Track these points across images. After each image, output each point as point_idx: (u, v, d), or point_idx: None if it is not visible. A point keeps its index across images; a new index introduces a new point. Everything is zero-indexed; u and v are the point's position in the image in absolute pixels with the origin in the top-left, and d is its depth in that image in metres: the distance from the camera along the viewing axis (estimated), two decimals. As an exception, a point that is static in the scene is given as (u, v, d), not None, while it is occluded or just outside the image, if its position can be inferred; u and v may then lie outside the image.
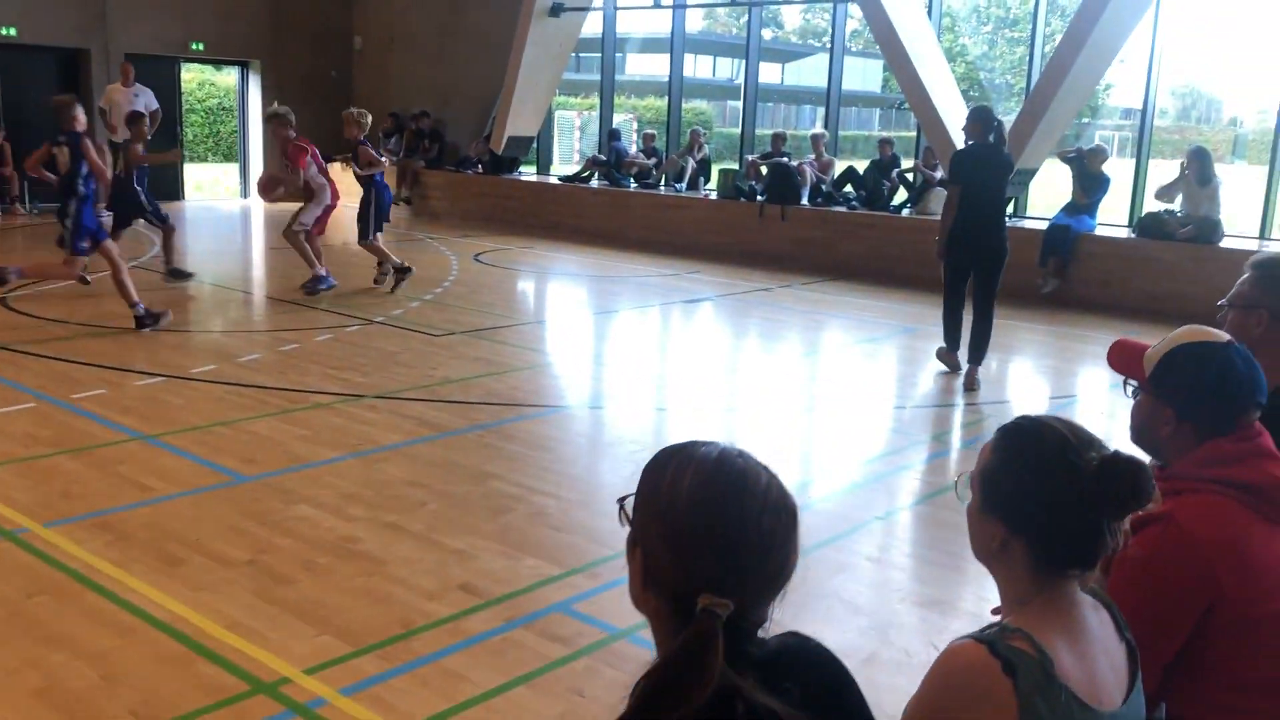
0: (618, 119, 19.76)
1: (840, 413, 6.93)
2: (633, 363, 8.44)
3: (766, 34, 45.51)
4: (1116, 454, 1.69)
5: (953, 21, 36.27)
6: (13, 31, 15.51)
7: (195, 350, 7.75)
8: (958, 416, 7.11)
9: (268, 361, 7.48)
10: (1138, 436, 2.45)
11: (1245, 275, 3.06)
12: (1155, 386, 2.38)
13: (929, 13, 13.23)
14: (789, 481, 1.44)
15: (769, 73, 45.90)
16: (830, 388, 7.73)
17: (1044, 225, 11.67)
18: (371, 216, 10.43)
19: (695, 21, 35.72)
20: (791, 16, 42.11)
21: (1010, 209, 12.56)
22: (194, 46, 17.46)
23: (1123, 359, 2.53)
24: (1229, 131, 39.73)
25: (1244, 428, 2.25)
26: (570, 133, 25.70)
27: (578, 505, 5.01)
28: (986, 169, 7.54)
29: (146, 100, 15.44)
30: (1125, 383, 2.49)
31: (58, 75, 16.49)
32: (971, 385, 7.59)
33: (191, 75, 25.37)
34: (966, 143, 7.75)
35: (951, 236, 7.56)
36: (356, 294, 10.23)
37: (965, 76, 35.79)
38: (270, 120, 10.76)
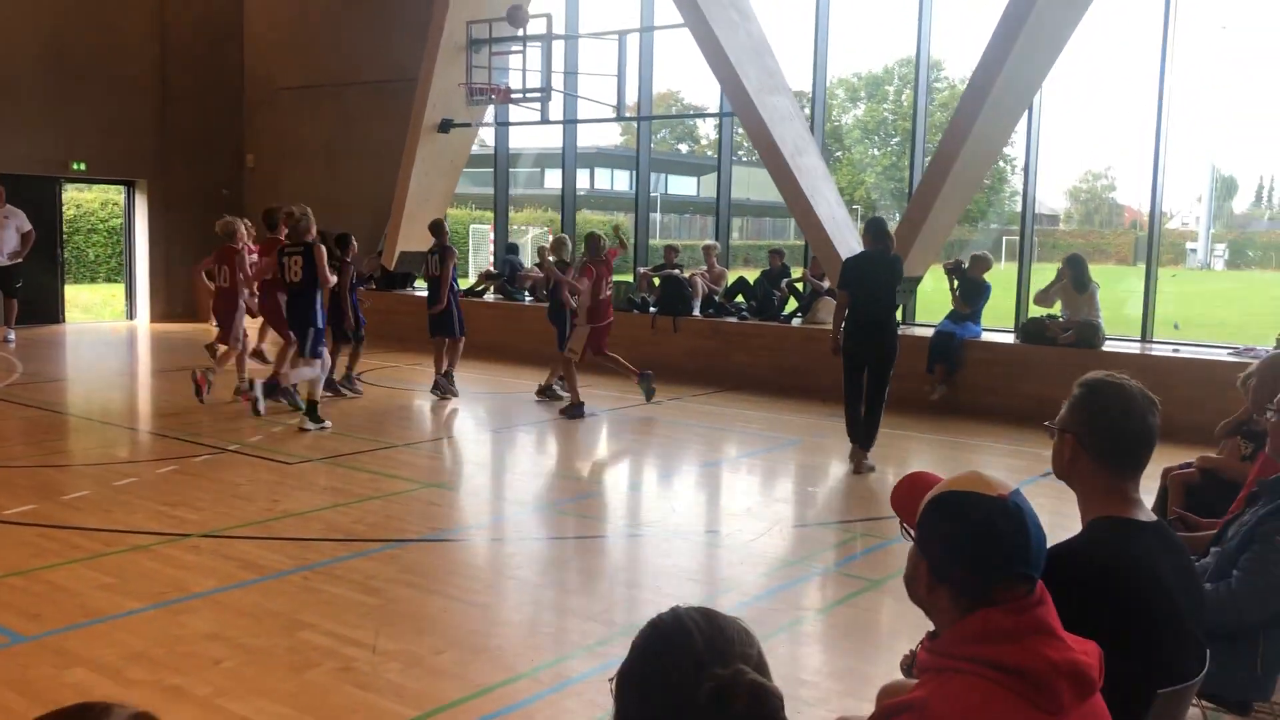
0: (533, 231, 19.65)
1: (696, 532, 6.58)
2: (500, 487, 8.04)
3: (683, 148, 46.53)
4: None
5: (837, 130, 37.40)
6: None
7: (19, 487, 7.17)
8: (825, 535, 6.80)
9: (95, 498, 6.93)
10: (907, 591, 2.14)
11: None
12: (917, 536, 2.08)
13: (810, 125, 13.35)
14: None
15: (684, 185, 46.76)
16: (695, 505, 7.39)
17: (930, 332, 11.63)
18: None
19: (611, 137, 36.21)
20: (708, 129, 43.12)
21: (899, 316, 12.56)
22: (76, 166, 17.01)
23: (902, 498, 2.24)
24: (1130, 234, 41.00)
25: (1013, 599, 1.92)
26: (486, 246, 25.59)
27: (391, 658, 4.55)
28: (874, 274, 8.05)
29: (19, 222, 14.98)
30: (901, 525, 2.19)
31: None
32: (859, 469, 8.13)
33: (82, 195, 24.91)
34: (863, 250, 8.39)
35: (844, 336, 8.13)
36: (219, 419, 9.72)
37: (854, 183, 36.73)
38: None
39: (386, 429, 9.60)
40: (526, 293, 15.45)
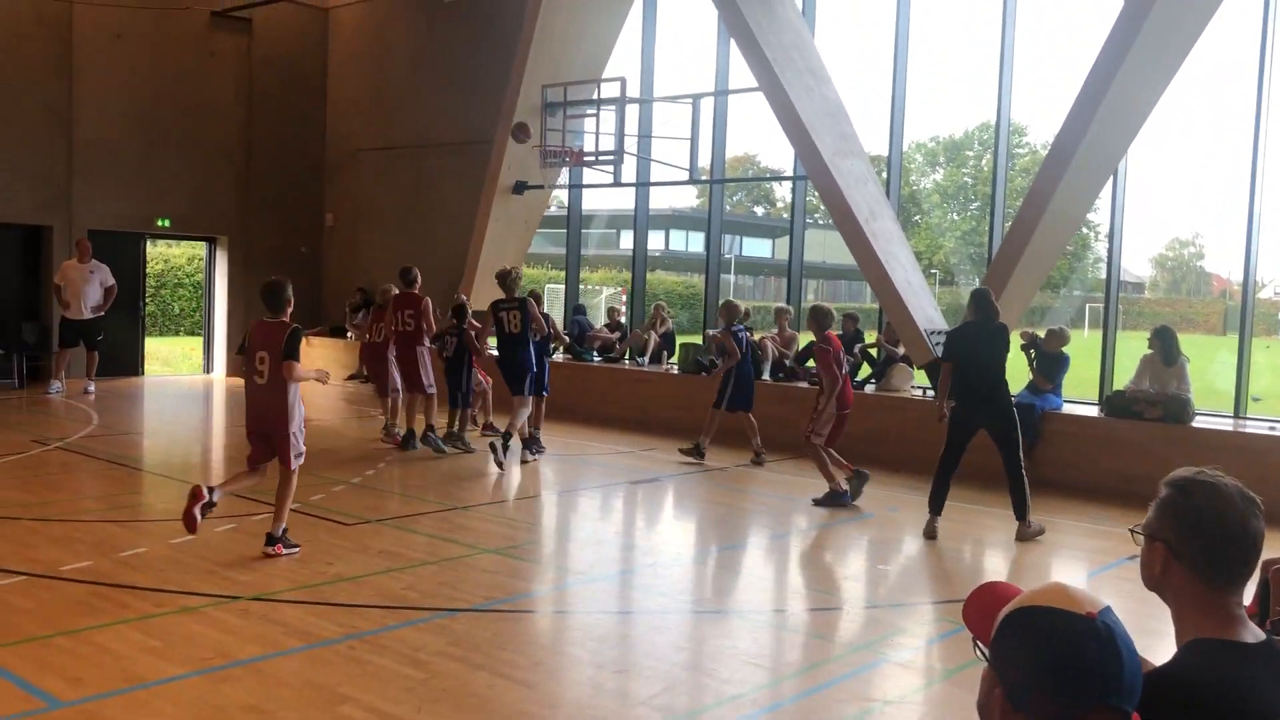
0: (607, 291, 19.67)
1: (768, 609, 6.29)
2: (560, 554, 7.83)
3: (758, 210, 46.48)
4: None
5: (915, 195, 36.99)
6: (-24, 209, 15.48)
7: (78, 542, 7.16)
8: (896, 618, 6.46)
9: (151, 556, 6.88)
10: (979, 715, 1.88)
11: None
12: (992, 656, 1.84)
13: (886, 189, 13.13)
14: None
15: (759, 247, 46.63)
16: (761, 580, 7.11)
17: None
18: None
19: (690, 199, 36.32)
20: (784, 192, 43.08)
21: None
22: (160, 223, 17.44)
23: (976, 612, 1.99)
24: (1220, 303, 39.76)
25: None
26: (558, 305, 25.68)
27: (432, 738, 4.35)
28: (980, 345, 8.24)
29: (102, 276, 15.33)
30: (975, 643, 1.94)
31: (20, 251, 16.41)
32: (1021, 536, 8.20)
33: (170, 250, 25.58)
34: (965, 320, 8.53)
35: (956, 404, 8.29)
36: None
37: (932, 248, 36.21)
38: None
39: (449, 490, 9.48)
40: (594, 352, 15.38)
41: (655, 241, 39.70)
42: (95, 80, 16.43)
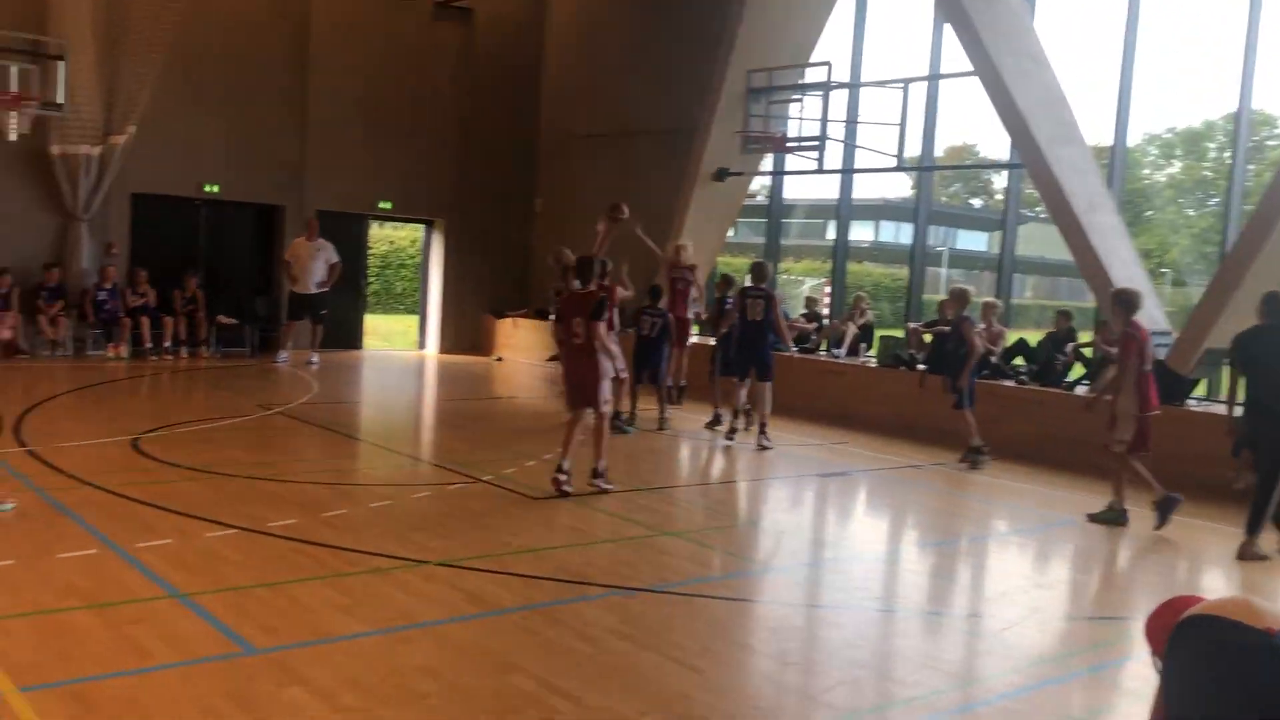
0: (810, 283, 19.45)
1: (960, 618, 6.03)
2: (741, 542, 7.76)
3: (975, 202, 44.71)
4: None
5: (1147, 189, 34.63)
6: (216, 188, 16.69)
7: (287, 501, 7.60)
8: (1092, 631, 6.07)
9: (351, 518, 7.23)
10: None
11: None
12: (1162, 665, 1.67)
13: (1109, 180, 12.36)
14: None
15: (974, 240, 44.88)
16: (948, 583, 6.82)
17: (1240, 411, 10.35)
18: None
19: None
20: (1004, 183, 41.29)
21: (1202, 390, 11.31)
22: (382, 205, 18.35)
23: (1156, 626, 1.81)
24: None
25: None
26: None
27: (593, 713, 4.36)
28: (1273, 349, 7.63)
29: (328, 254, 16.22)
30: (1153, 656, 1.78)
31: (255, 229, 17.60)
32: (1244, 554, 7.57)
33: (397, 233, 26.87)
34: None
35: (1250, 420, 7.71)
36: (480, 448, 10.02)
37: (1164, 245, 33.85)
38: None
39: (636, 472, 9.55)
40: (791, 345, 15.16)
41: (864, 232, 38.78)
42: (327, 70, 17.41)
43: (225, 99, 16.49)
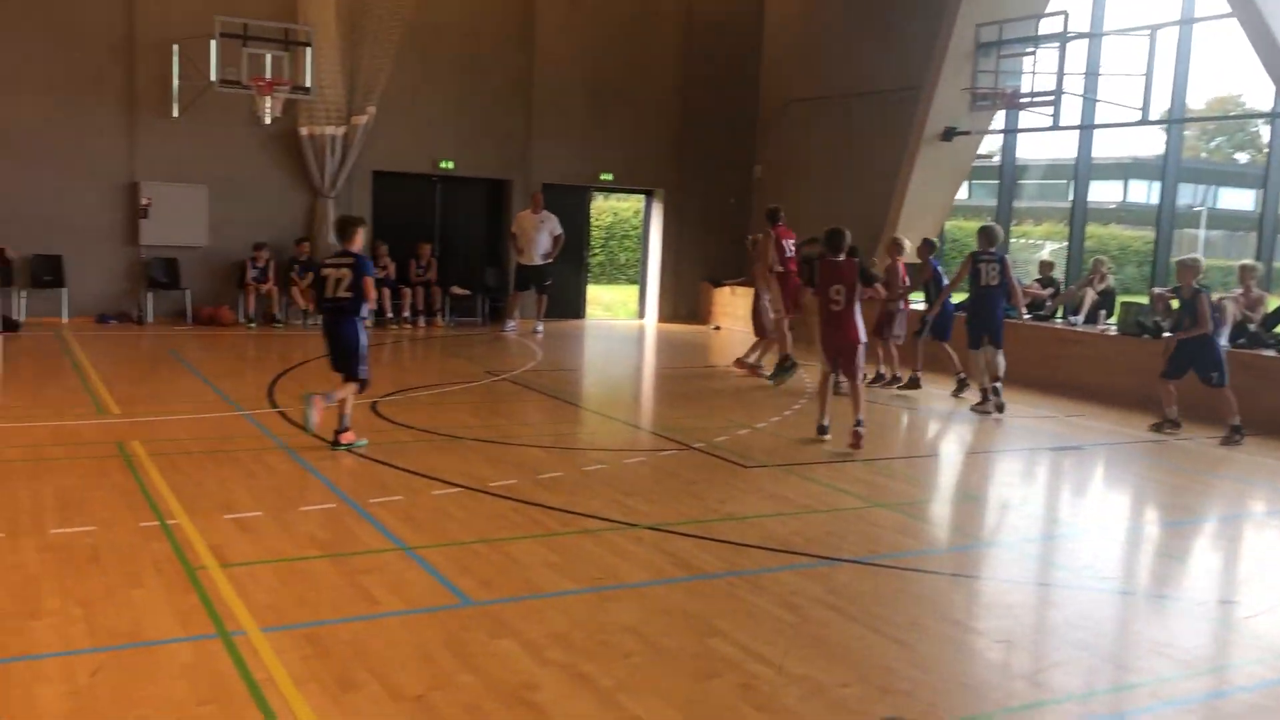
0: (1050, 247, 18.56)
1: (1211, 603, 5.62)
2: (956, 515, 7.50)
3: (1240, 157, 41.04)
4: None
5: None
6: (451, 164, 17.45)
7: (508, 463, 7.90)
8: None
9: (565, 480, 7.45)
10: None
11: None
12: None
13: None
14: None
15: (1238, 199, 41.29)
16: (1186, 565, 6.35)
17: None
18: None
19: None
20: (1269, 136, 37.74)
21: None
22: (603, 177, 18.70)
23: None
24: None
25: None
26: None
27: (795, 682, 4.33)
28: None
29: (552, 226, 16.68)
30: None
31: (485, 203, 18.31)
32: None
33: (621, 204, 27.38)
34: None
35: None
36: (693, 416, 10.10)
37: None
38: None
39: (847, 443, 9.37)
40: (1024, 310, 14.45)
41: (1111, 192, 36.38)
42: (552, 47, 17.85)
43: (456, 77, 17.21)
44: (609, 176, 18.74)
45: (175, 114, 15.33)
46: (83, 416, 8.95)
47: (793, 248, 12.28)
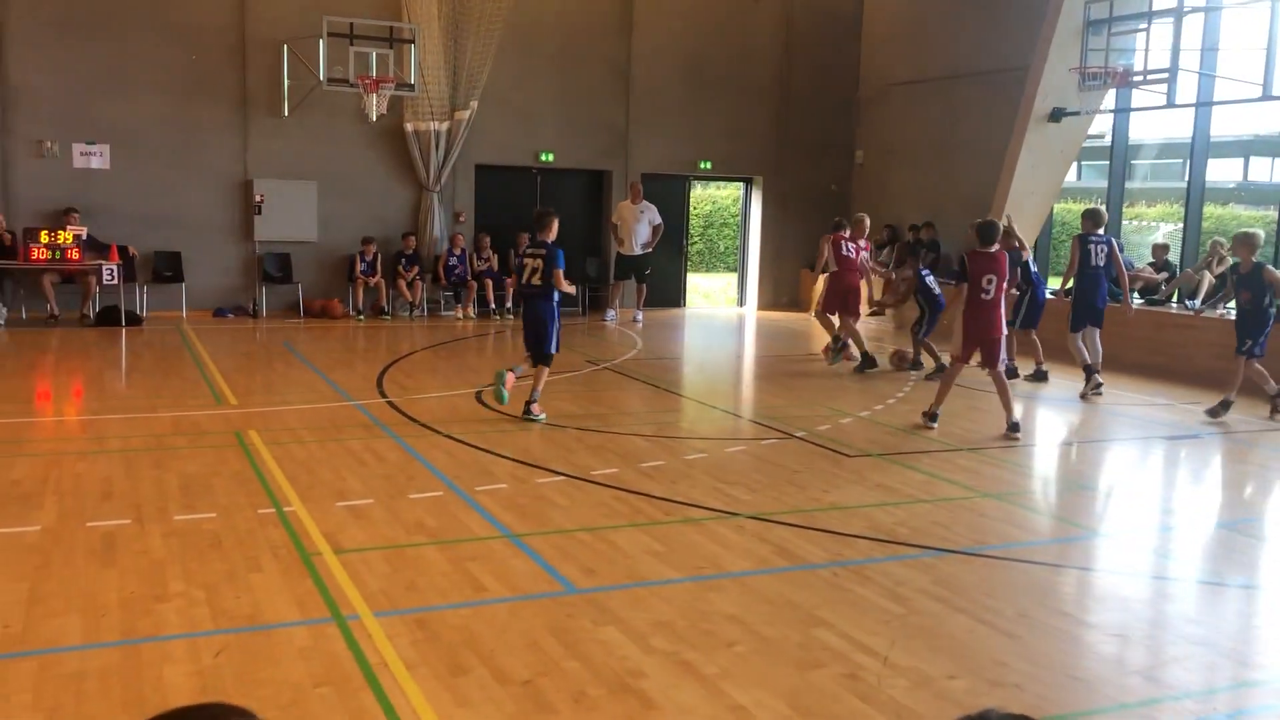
0: (1165, 228, 17.99)
1: (1315, 599, 5.39)
2: (1069, 506, 7.32)
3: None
4: None
5: None
6: (551, 157, 17.61)
7: (610, 451, 7.98)
8: None
9: (667, 469, 7.48)
10: None
11: None
12: None
13: None
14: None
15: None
16: (1318, 563, 6.10)
17: None
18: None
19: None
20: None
21: None
22: (702, 165, 18.66)
23: None
24: None
25: None
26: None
27: (901, 674, 4.29)
28: None
29: (651, 216, 16.73)
30: None
31: (585, 194, 18.44)
32: None
33: (720, 192, 27.31)
34: None
35: None
36: (794, 404, 10.05)
37: None
38: None
39: (957, 430, 9.22)
40: (1135, 294, 14.02)
41: (1230, 171, 34.95)
42: (650, 34, 17.87)
43: (556, 70, 17.36)
44: (708, 165, 18.70)
45: (286, 113, 15.78)
46: (202, 407, 9.31)
47: (854, 249, 12.30)
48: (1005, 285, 9.10)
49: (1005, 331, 9.21)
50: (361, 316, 16.05)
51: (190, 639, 4.42)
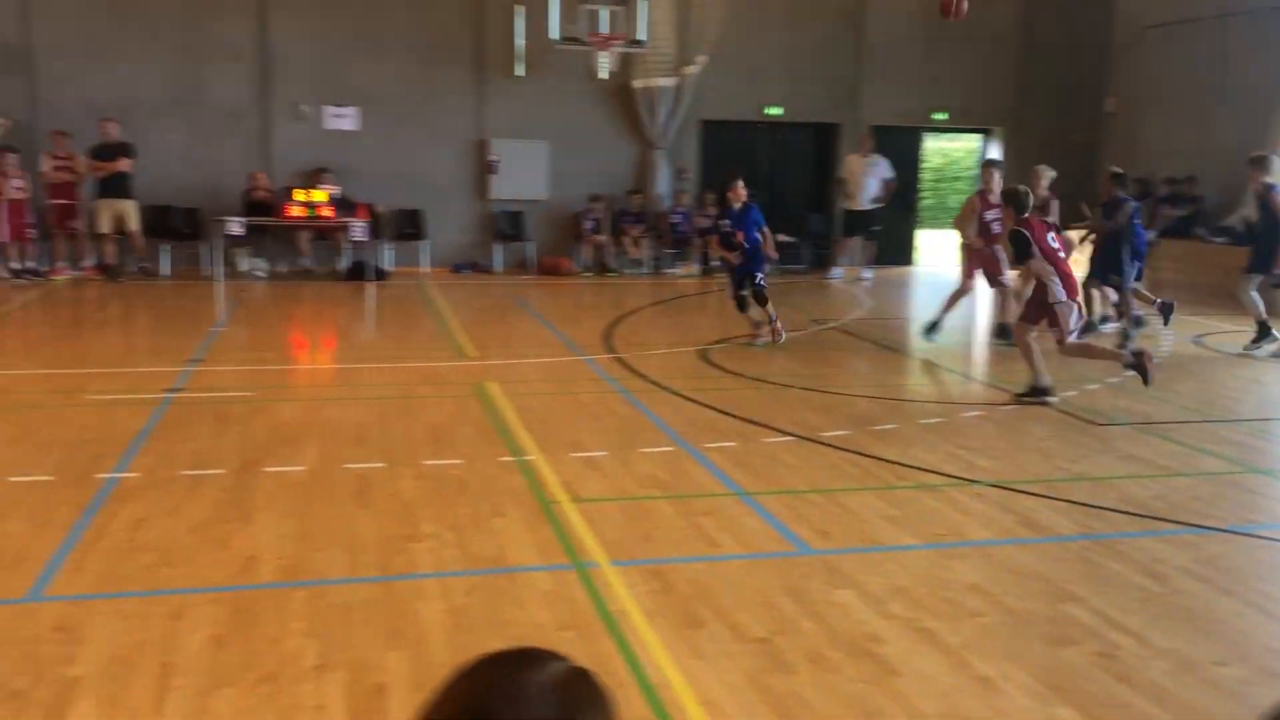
0: None
1: None
2: (1350, 486, 6.67)
3: None
4: None
5: None
6: (780, 111, 17.37)
7: (839, 413, 7.83)
8: None
9: (901, 433, 7.28)
10: None
11: None
12: None
13: None
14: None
15: None
16: None
17: None
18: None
19: None
20: None
21: None
22: (936, 116, 17.95)
23: None
24: None
25: None
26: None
27: (1161, 657, 4.02)
28: None
29: (881, 170, 16.26)
30: None
31: (812, 148, 18.11)
32: None
33: (951, 144, 26.26)
34: None
35: None
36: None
37: None
38: None
39: (1218, 401, 8.55)
40: None
41: None
42: (884, -18, 17.28)
43: (785, 22, 17.04)
44: (943, 116, 17.97)
45: (520, 73, 16.18)
46: (444, 359, 9.74)
47: (996, 224, 10.61)
48: None
49: None
50: (589, 273, 16.37)
51: (441, 578, 4.64)
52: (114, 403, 7.57)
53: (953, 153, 27.20)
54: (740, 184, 10.17)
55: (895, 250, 18.02)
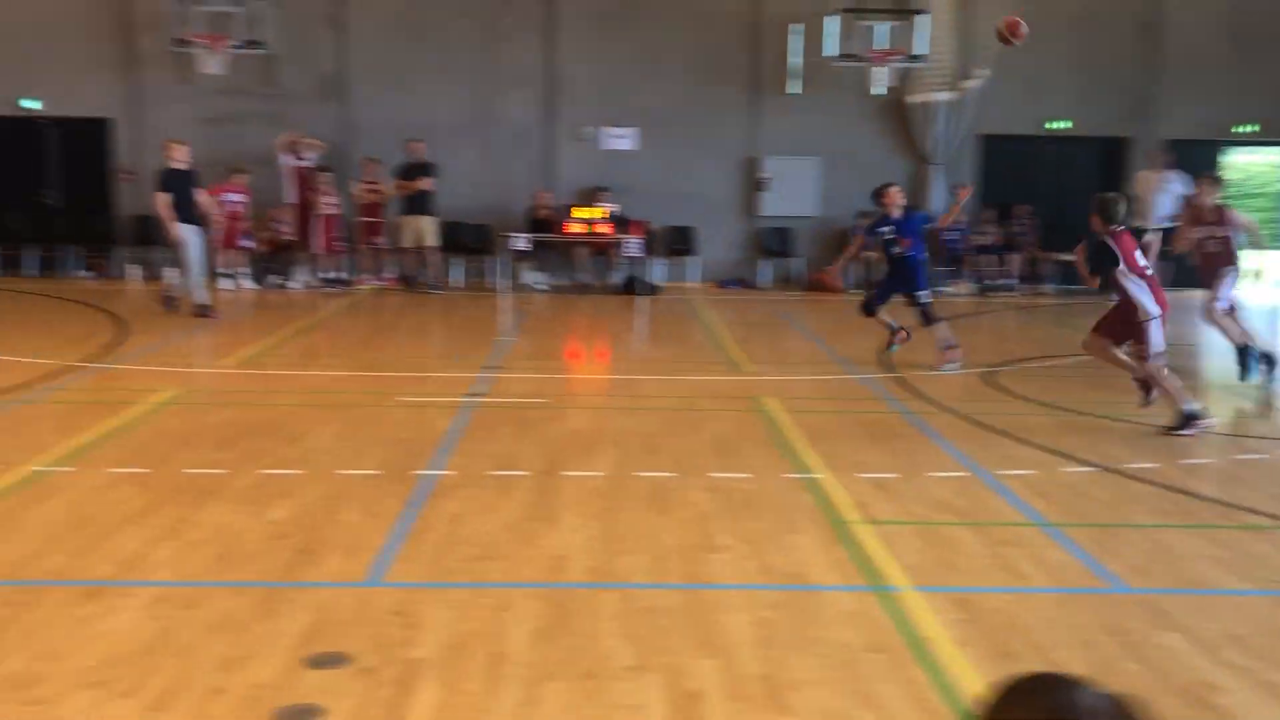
0: None
1: None
2: None
3: None
4: None
5: None
6: (1066, 124, 16.57)
7: (1141, 444, 7.37)
8: None
9: (1214, 468, 6.81)
10: None
11: None
12: None
13: None
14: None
15: None
16: None
17: None
18: None
19: None
20: None
21: None
22: (1237, 130, 16.62)
23: None
24: None
25: None
26: None
27: None
28: None
29: (1176, 187, 15.24)
30: None
31: (1097, 163, 17.18)
32: None
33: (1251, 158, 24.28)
34: None
35: None
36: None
37: None
38: None
39: None
40: None
41: None
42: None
43: (1074, 30, 16.26)
44: (1252, 128, 16.62)
45: (795, 90, 16.21)
46: (720, 372, 9.88)
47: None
48: None
49: None
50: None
51: (744, 590, 4.70)
52: (423, 404, 8.13)
53: (1250, 167, 25.12)
54: (895, 189, 9.73)
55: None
